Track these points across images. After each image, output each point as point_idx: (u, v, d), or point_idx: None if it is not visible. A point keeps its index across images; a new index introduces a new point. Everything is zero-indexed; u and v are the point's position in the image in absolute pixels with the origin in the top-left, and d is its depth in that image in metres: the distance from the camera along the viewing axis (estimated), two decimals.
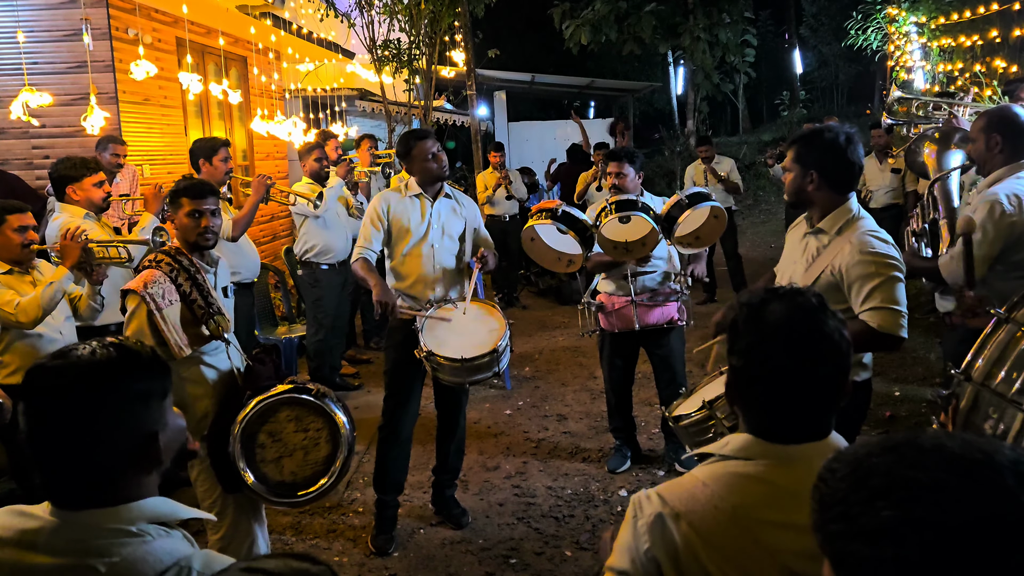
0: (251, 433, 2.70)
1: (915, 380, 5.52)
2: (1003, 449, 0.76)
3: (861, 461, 0.80)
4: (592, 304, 4.28)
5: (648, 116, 24.63)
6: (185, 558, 1.25)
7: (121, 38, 6.23)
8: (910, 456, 0.77)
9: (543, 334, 7.61)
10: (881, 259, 2.39)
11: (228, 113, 8.33)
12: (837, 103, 24.96)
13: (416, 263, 3.63)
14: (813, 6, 24.75)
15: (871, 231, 2.47)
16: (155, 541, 1.26)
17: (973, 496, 0.72)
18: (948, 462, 0.75)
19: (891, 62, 10.18)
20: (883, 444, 0.81)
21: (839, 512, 0.78)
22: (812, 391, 1.34)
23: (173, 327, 2.73)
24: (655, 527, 1.32)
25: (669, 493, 1.35)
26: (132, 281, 2.77)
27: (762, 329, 1.35)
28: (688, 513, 1.31)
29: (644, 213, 3.70)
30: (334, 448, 2.75)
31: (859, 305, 2.40)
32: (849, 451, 0.83)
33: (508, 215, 8.74)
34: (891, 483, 0.75)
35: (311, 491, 2.72)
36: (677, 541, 1.30)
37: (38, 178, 5.88)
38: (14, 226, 3.34)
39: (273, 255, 8.11)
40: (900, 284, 2.41)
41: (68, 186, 4.00)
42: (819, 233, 2.57)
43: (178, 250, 2.88)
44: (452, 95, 15.49)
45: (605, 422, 4.84)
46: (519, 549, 3.61)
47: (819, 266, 2.51)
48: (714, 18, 16.12)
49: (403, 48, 9.68)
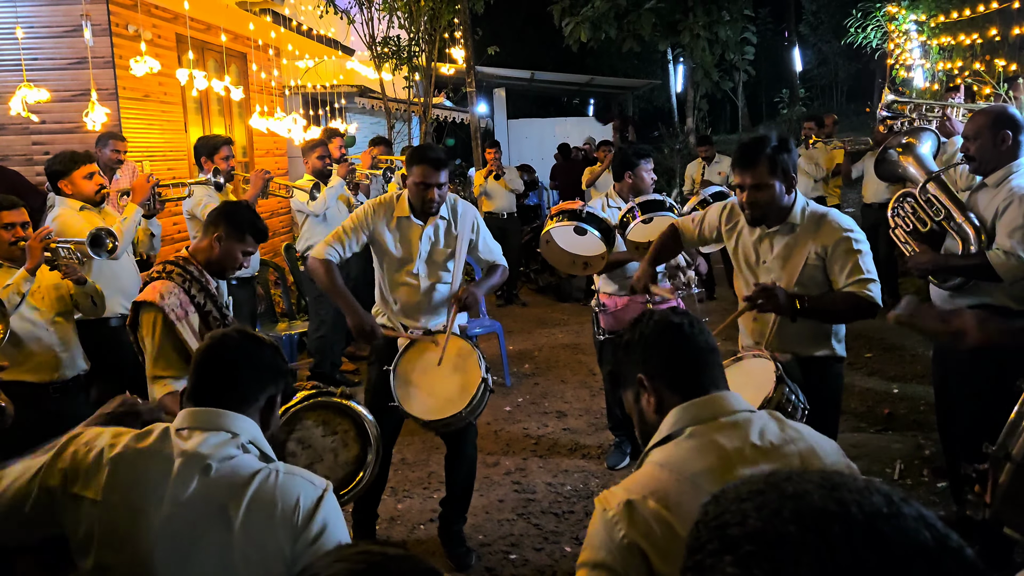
0: (280, 443, 2.69)
1: (913, 378, 5.53)
2: (869, 500, 0.71)
3: (728, 506, 0.76)
4: (599, 306, 4.26)
5: (647, 113, 24.62)
6: (273, 464, 1.64)
7: (121, 34, 6.22)
8: (770, 504, 0.73)
9: (542, 331, 7.62)
10: (856, 235, 2.68)
11: (228, 109, 8.32)
12: (836, 101, 24.96)
13: (399, 287, 3.39)
14: (813, 4, 24.74)
15: (830, 211, 2.77)
16: (250, 456, 1.64)
17: (813, 555, 0.67)
18: (801, 514, 0.71)
19: (891, 60, 10.18)
20: (754, 486, 0.77)
21: (695, 562, 0.75)
22: (681, 356, 1.57)
23: (194, 337, 2.69)
24: (625, 513, 1.35)
25: (631, 483, 1.43)
26: (145, 293, 2.70)
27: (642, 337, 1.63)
28: (653, 493, 1.37)
29: (671, 213, 3.63)
30: (363, 445, 2.75)
31: (845, 278, 2.64)
32: (728, 490, 0.79)
33: (506, 212, 8.74)
34: (741, 536, 0.71)
35: (351, 488, 2.72)
36: (650, 521, 1.33)
37: (38, 174, 5.87)
38: (4, 222, 3.30)
39: (273, 252, 8.11)
40: (870, 255, 2.69)
41: (59, 181, 4.00)
42: (786, 228, 2.75)
43: (186, 260, 2.82)
44: (452, 92, 15.48)
45: (604, 419, 4.86)
46: (519, 545, 3.63)
47: (800, 256, 2.72)
48: (714, 15, 16.12)
49: (403, 45, 9.68)
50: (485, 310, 6.41)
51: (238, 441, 1.64)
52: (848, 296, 2.62)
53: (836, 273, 2.66)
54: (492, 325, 6.11)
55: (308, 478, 1.62)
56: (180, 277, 2.75)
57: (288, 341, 5.99)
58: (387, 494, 4.18)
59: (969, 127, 3.12)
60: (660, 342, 1.59)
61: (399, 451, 4.70)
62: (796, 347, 2.75)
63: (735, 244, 2.96)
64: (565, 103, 24.47)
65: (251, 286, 5.21)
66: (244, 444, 1.64)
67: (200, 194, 4.92)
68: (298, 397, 2.73)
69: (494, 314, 7.62)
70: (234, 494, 1.54)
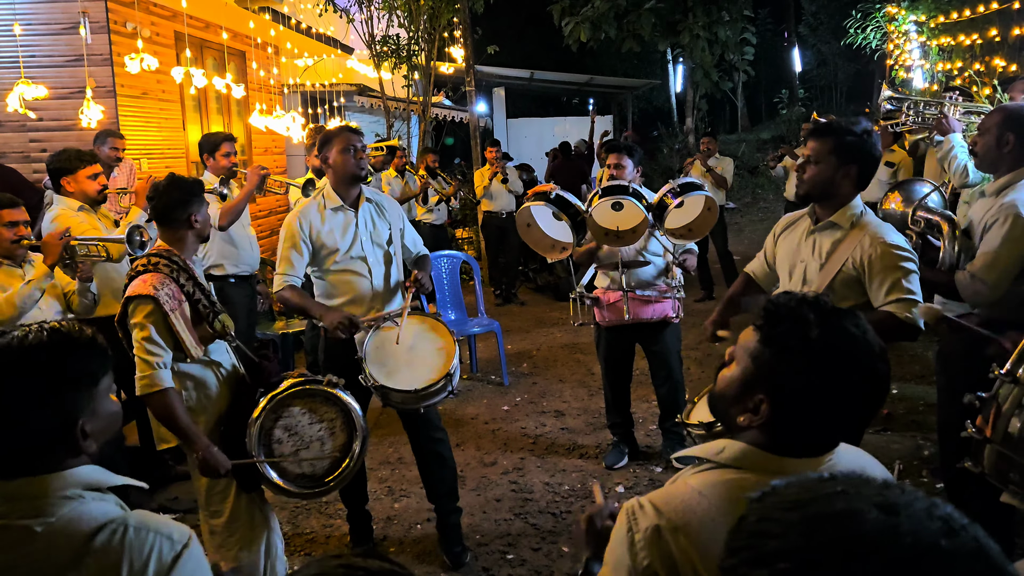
0: (267, 430, 2.70)
1: (912, 378, 5.53)
2: (927, 528, 0.66)
3: (773, 512, 0.73)
4: (586, 297, 4.28)
5: (647, 114, 24.62)
6: (121, 516, 1.33)
7: (119, 32, 6.21)
8: (816, 520, 0.69)
9: (541, 330, 7.61)
10: (902, 251, 2.46)
11: (227, 107, 8.30)
12: (836, 102, 24.93)
13: (348, 280, 3.32)
14: (812, 5, 24.71)
15: (883, 224, 2.55)
16: (90, 503, 1.33)
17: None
18: (846, 539, 0.67)
19: (890, 61, 10.18)
20: (804, 493, 0.73)
21: (730, 565, 0.73)
22: (850, 413, 1.28)
23: (186, 327, 2.68)
24: (652, 541, 1.26)
25: (664, 503, 1.30)
26: (135, 286, 2.66)
27: (815, 353, 1.25)
28: (685, 526, 1.26)
29: (635, 199, 3.69)
30: (350, 434, 2.76)
31: (883, 296, 2.45)
32: (778, 490, 0.75)
33: (505, 211, 8.74)
34: (779, 551, 0.68)
35: (336, 475, 2.73)
36: (675, 554, 1.25)
37: (35, 171, 5.86)
38: (5, 220, 3.31)
39: (271, 250, 8.10)
40: (917, 275, 2.48)
41: (63, 178, 4.00)
42: (831, 228, 2.60)
43: (168, 251, 2.79)
44: (451, 91, 15.47)
45: (602, 418, 4.84)
46: (516, 545, 3.61)
47: (837, 261, 2.53)
48: (713, 16, 16.08)
49: (402, 44, 9.67)
50: (483, 309, 6.40)
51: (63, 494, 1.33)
52: (885, 316, 2.42)
53: (875, 288, 2.47)
54: (490, 324, 6.10)
55: (165, 531, 1.32)
56: (168, 267, 2.71)
57: (284, 339, 5.98)
58: (384, 493, 4.18)
59: (983, 122, 3.03)
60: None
61: (396, 451, 4.69)
62: None
63: (782, 247, 2.83)
64: (565, 103, 24.45)
65: (250, 284, 5.19)
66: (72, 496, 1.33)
67: None
68: (285, 385, 2.73)
69: (492, 313, 7.60)
70: (74, 556, 1.26)
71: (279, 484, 2.69)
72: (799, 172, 2.64)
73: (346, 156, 3.27)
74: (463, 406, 5.44)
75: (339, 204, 3.32)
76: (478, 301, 6.38)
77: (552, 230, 3.98)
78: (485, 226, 9.10)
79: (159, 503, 4.09)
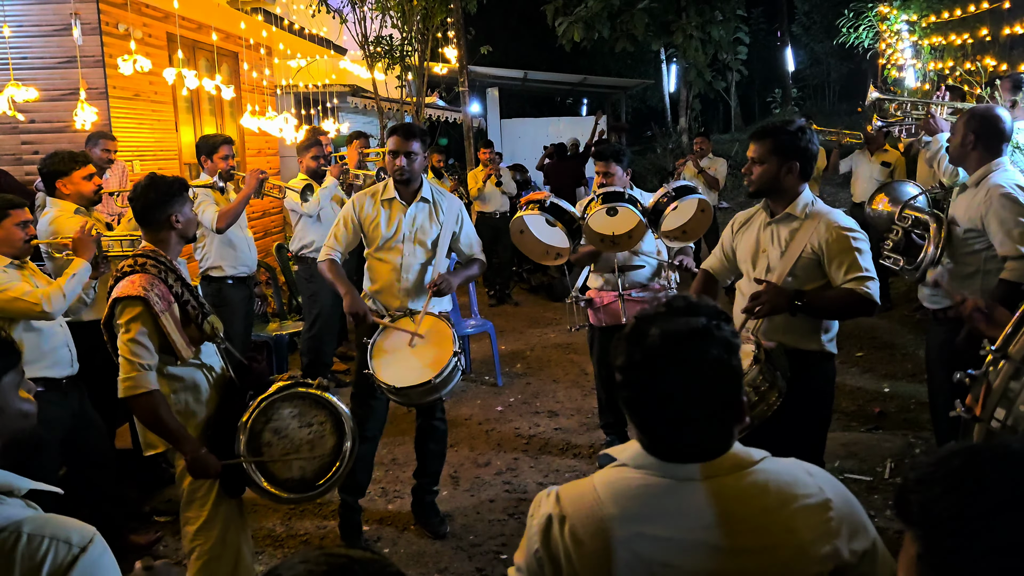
0: (256, 432, 2.68)
1: (904, 376, 5.55)
2: None
3: (964, 469, 0.86)
4: (581, 299, 4.29)
5: (641, 113, 24.66)
6: (16, 522, 1.26)
7: (111, 33, 6.19)
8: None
9: (534, 331, 7.62)
10: (853, 233, 2.68)
11: (219, 109, 8.29)
12: (829, 101, 25.00)
13: (385, 269, 3.58)
14: (805, 4, 24.75)
15: (834, 211, 2.79)
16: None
17: None
18: None
19: (882, 60, 10.21)
20: (991, 451, 0.88)
21: (951, 529, 0.84)
22: (694, 416, 1.27)
23: (176, 329, 2.64)
24: (544, 529, 1.33)
25: (566, 493, 1.36)
26: (123, 287, 2.60)
27: (644, 352, 1.28)
28: (571, 516, 1.30)
29: (631, 205, 3.71)
30: (340, 437, 2.75)
31: (842, 276, 2.65)
32: (946, 457, 0.88)
33: (499, 212, 8.76)
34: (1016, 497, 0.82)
35: (327, 478, 2.73)
36: (559, 545, 1.30)
37: (27, 174, 5.85)
38: (16, 221, 3.33)
39: (264, 252, 8.08)
40: (869, 254, 2.69)
41: (58, 180, 3.99)
42: (788, 219, 2.79)
43: (153, 251, 2.75)
44: (444, 92, 15.46)
45: (596, 418, 4.85)
46: (509, 545, 3.62)
47: (796, 248, 2.74)
48: (707, 16, 16.12)
49: (395, 44, 9.66)
50: (477, 310, 6.41)
51: None
52: (846, 293, 2.63)
53: (834, 270, 2.67)
54: (484, 325, 6.10)
55: (63, 535, 1.26)
56: (155, 268, 2.67)
57: (279, 341, 5.98)
58: (378, 495, 4.18)
59: (954, 124, 3.34)
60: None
61: (390, 452, 4.69)
62: (783, 338, 2.75)
63: (741, 241, 2.99)
64: (558, 103, 24.47)
65: (247, 286, 5.19)
66: None
67: (200, 196, 4.91)
68: (274, 387, 2.71)
69: (486, 314, 7.61)
70: None
71: (267, 488, 2.67)
72: (747, 173, 2.84)
73: (389, 159, 3.58)
74: (457, 406, 5.45)
75: (392, 196, 3.59)
76: (472, 301, 6.38)
77: (546, 236, 4.01)
78: (479, 227, 9.08)
79: (151, 507, 4.08)
